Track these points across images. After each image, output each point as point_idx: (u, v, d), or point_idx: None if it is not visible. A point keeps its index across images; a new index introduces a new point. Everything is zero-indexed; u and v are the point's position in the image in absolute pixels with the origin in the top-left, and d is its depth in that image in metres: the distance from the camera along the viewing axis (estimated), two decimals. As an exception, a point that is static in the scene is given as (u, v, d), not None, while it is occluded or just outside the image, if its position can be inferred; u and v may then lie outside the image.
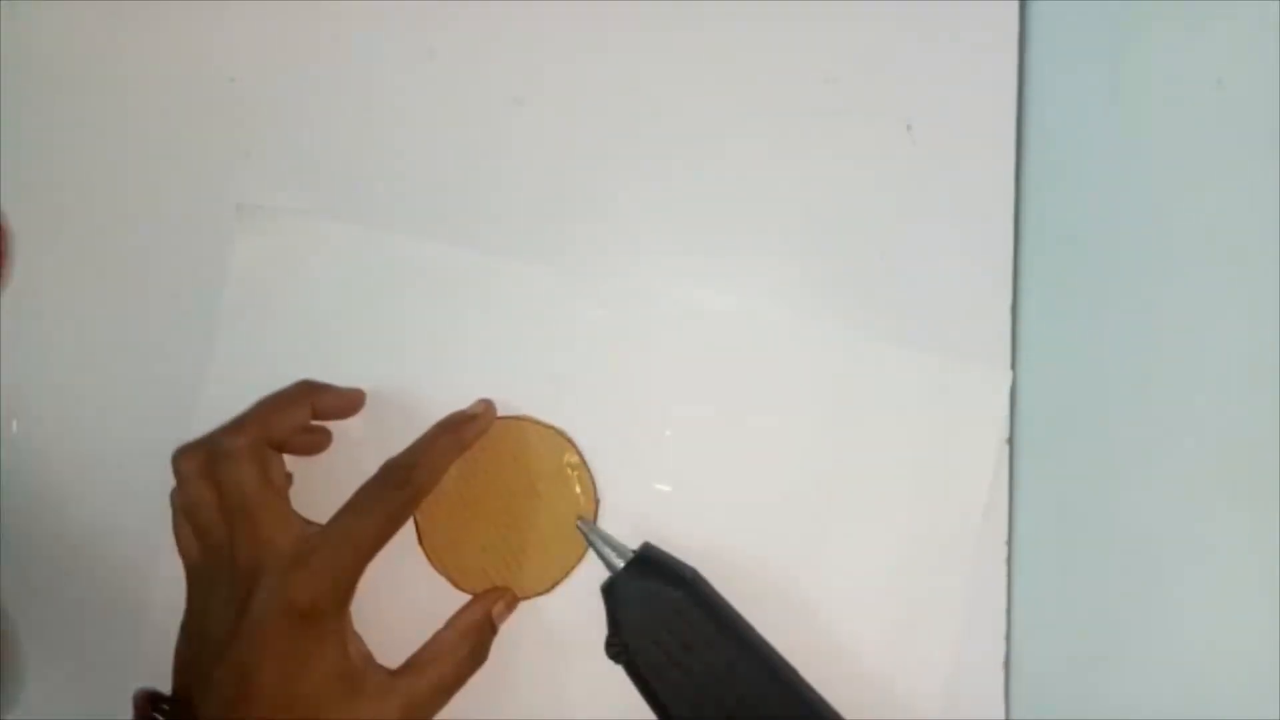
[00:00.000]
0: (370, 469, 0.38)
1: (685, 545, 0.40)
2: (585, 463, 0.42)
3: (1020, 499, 0.42)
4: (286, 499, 0.38)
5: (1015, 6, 0.44)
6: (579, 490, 0.42)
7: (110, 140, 0.45)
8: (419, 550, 0.42)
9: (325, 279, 0.44)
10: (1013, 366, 0.43)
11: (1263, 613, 0.31)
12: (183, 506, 0.38)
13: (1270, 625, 0.30)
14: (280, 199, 0.44)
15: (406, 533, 0.41)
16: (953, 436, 0.42)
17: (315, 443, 0.41)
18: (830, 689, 0.39)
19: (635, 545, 0.40)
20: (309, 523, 0.38)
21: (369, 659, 0.37)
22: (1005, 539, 0.42)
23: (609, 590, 0.39)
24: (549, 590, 0.42)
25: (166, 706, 0.37)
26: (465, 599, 0.41)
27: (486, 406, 0.42)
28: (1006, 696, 0.42)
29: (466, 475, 0.42)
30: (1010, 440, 0.43)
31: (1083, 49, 0.42)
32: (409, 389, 0.43)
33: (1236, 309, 0.33)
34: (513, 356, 0.43)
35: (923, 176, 0.44)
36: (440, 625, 0.40)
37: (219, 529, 0.37)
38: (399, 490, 0.37)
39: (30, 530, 0.44)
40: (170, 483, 0.38)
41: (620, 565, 0.39)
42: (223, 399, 0.40)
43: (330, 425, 0.42)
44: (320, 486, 0.39)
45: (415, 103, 0.45)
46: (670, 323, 0.43)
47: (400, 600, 0.40)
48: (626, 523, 0.42)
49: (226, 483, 0.36)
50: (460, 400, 0.42)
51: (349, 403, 0.42)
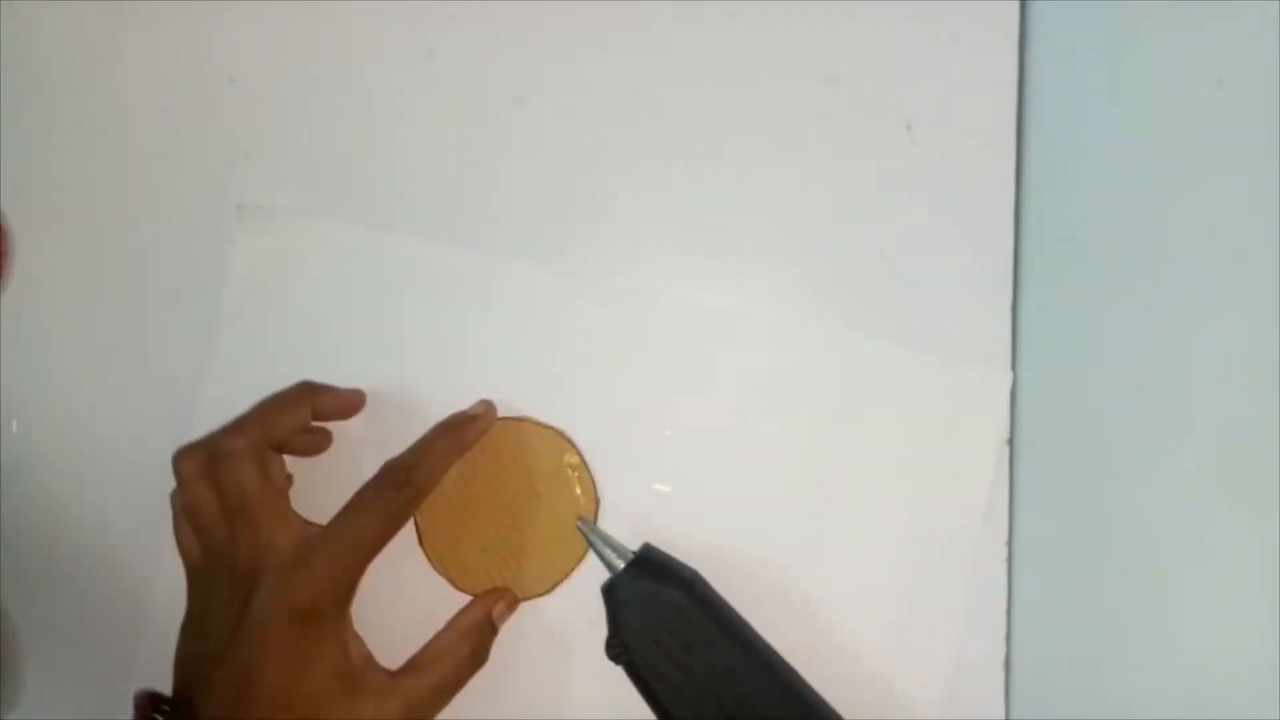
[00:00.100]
0: (370, 469, 0.38)
1: (685, 545, 0.40)
2: (585, 463, 0.42)
3: (1020, 499, 0.42)
4: (287, 499, 0.38)
5: (1015, 6, 0.44)
6: (579, 491, 0.42)
7: (110, 140, 0.45)
8: (419, 550, 0.42)
9: (325, 279, 0.44)
10: (1013, 366, 0.43)
11: (1263, 613, 0.31)
12: (183, 507, 0.38)
13: (1270, 625, 0.30)
14: (280, 199, 0.44)
15: (406, 533, 0.41)
16: (953, 436, 0.42)
17: (315, 443, 0.41)
18: (830, 689, 0.39)
19: (635, 546, 0.40)
20: (309, 523, 0.38)
21: (369, 659, 0.37)
22: (1005, 539, 0.42)
23: (609, 591, 0.39)
24: (549, 591, 0.42)
25: (166, 707, 0.37)
26: (465, 599, 0.41)
27: (487, 407, 0.42)
28: (1006, 696, 0.42)
29: (467, 476, 0.42)
30: (1010, 440, 0.43)
31: (1083, 49, 0.42)
32: (409, 389, 0.43)
33: (1236, 309, 0.33)
34: (513, 356, 0.43)
35: (923, 176, 0.44)
36: (440, 626, 0.40)
37: (219, 529, 0.37)
38: (399, 491, 0.37)
39: (30, 530, 0.44)
40: (170, 483, 0.38)
41: (620, 566, 0.39)
42: (223, 399, 0.40)
43: (330, 425, 0.42)
44: (320, 486, 0.39)
45: (415, 103, 0.45)
46: (670, 323, 0.43)
47: (400, 600, 0.40)
48: (626, 523, 0.42)
49: (227, 483, 0.36)
50: (460, 400, 0.42)
51: (349, 403, 0.42)
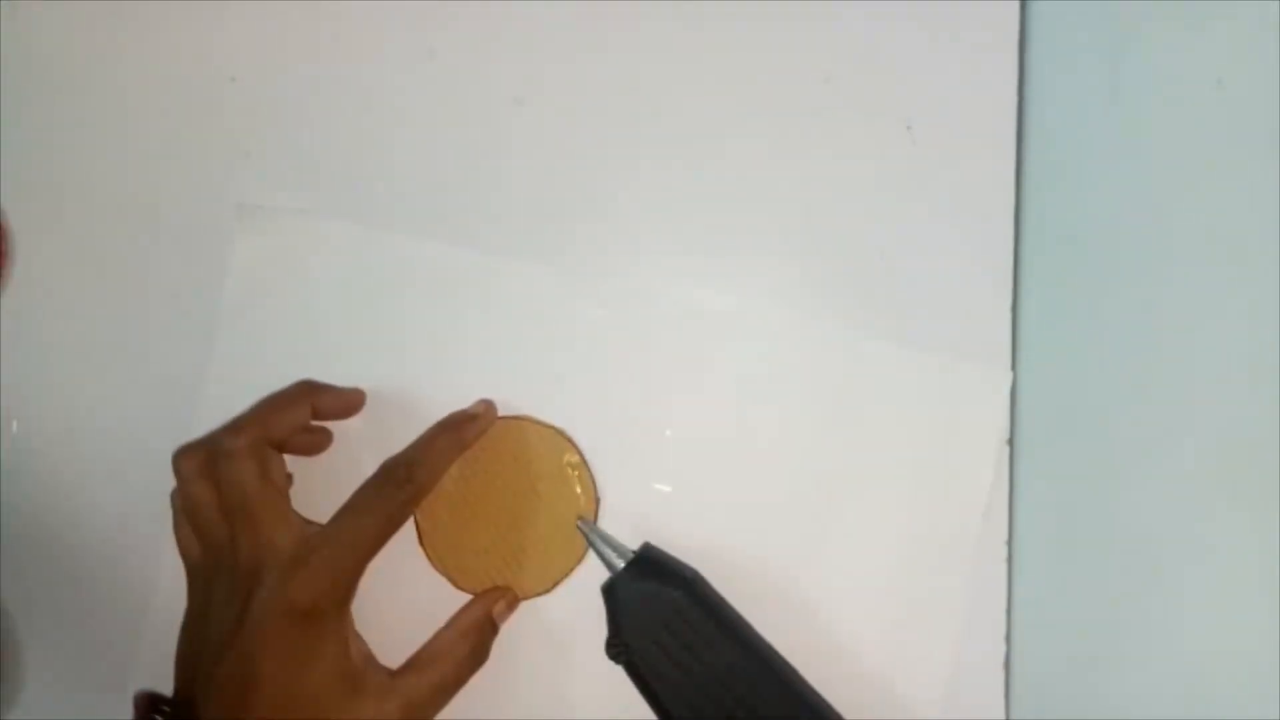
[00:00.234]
0: (370, 469, 0.38)
1: (685, 545, 0.40)
2: (585, 463, 0.42)
3: (1020, 499, 0.42)
4: (287, 499, 0.38)
5: (1015, 6, 0.44)
6: (579, 490, 0.42)
7: (110, 140, 0.45)
8: (419, 550, 0.42)
9: (325, 279, 0.44)
10: (1013, 366, 0.43)
11: (1263, 613, 0.31)
12: (183, 506, 0.38)
13: (1270, 625, 0.30)
14: (280, 199, 0.44)
15: (406, 533, 0.41)
16: (953, 436, 0.42)
17: (315, 443, 0.41)
18: (830, 689, 0.39)
19: (635, 545, 0.40)
20: (309, 523, 0.38)
21: (369, 659, 0.37)
22: (1005, 539, 0.42)
23: (609, 591, 0.39)
24: (549, 590, 0.42)
25: (166, 708, 0.37)
26: (465, 599, 0.41)
27: (487, 406, 0.42)
28: (1006, 696, 0.42)
29: (467, 475, 0.42)
30: (1010, 440, 0.43)
31: (1083, 49, 0.42)
32: (409, 389, 0.43)
33: (1236, 309, 0.33)
34: (513, 356, 0.43)
35: (923, 176, 0.44)
36: (440, 625, 0.40)
37: (219, 529, 0.37)
38: (399, 489, 0.37)
39: (30, 530, 0.44)
40: (170, 483, 0.38)
41: (620, 565, 0.39)
42: (223, 399, 0.40)
43: (330, 425, 0.42)
44: (320, 486, 0.39)
45: (415, 103, 0.45)
46: (670, 323, 0.43)
47: (400, 600, 0.40)
48: (626, 523, 0.42)
49: (227, 482, 0.36)
50: (460, 400, 0.42)
51: (349, 403, 0.42)
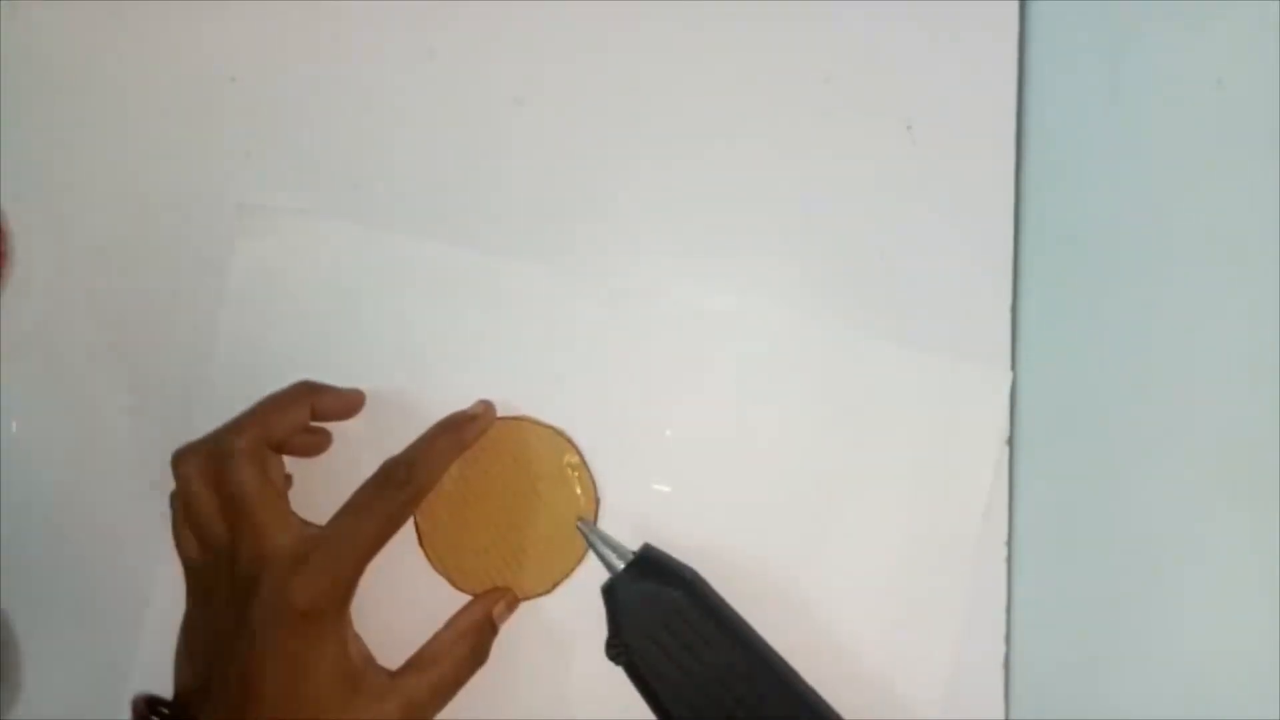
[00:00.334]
0: (370, 469, 0.37)
1: (685, 545, 0.40)
2: (585, 463, 0.42)
3: (1020, 499, 0.42)
4: (286, 499, 0.38)
5: (1015, 6, 0.44)
6: (579, 490, 0.42)
7: (110, 140, 0.45)
8: (419, 550, 0.42)
9: (325, 279, 0.44)
10: (1013, 366, 0.43)
11: (1263, 613, 0.31)
12: (182, 507, 0.37)
13: (1270, 625, 0.30)
14: (280, 199, 0.44)
15: (406, 533, 0.41)
16: (953, 436, 0.42)
17: (315, 443, 0.41)
18: (830, 689, 0.39)
19: (635, 546, 0.40)
20: (309, 523, 0.38)
21: (369, 659, 0.37)
22: (1005, 539, 0.42)
23: (609, 591, 0.39)
24: (549, 591, 0.42)
25: (165, 710, 0.37)
26: (465, 599, 0.41)
27: (486, 407, 0.42)
28: (1006, 696, 0.42)
29: (466, 475, 0.42)
30: (1010, 440, 0.43)
31: (1083, 49, 0.42)
32: (409, 389, 0.43)
33: (1236, 309, 0.33)
34: (513, 356, 0.43)
35: (923, 176, 0.44)
36: (440, 625, 0.40)
37: (219, 530, 0.36)
38: (399, 490, 0.37)
39: (30, 530, 0.44)
40: (170, 483, 0.38)
41: (620, 566, 0.39)
42: (223, 399, 0.40)
43: (330, 425, 0.42)
44: (320, 486, 0.39)
45: (415, 103, 0.45)
46: (670, 323, 0.43)
47: (400, 600, 0.40)
48: (626, 523, 0.42)
49: (226, 483, 0.36)
50: (460, 400, 0.42)
51: (349, 403, 0.42)
